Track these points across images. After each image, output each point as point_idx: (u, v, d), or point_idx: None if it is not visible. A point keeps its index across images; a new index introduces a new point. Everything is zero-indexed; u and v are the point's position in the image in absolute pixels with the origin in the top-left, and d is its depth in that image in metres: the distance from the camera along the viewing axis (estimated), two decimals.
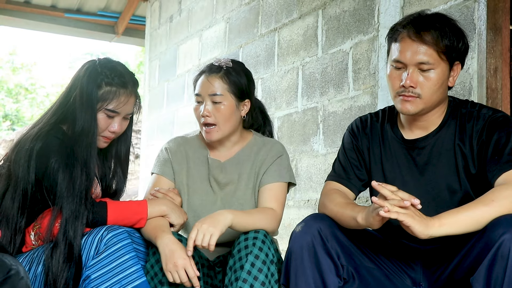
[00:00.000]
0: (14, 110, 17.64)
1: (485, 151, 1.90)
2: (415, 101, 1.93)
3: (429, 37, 1.89)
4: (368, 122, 2.15)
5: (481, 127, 1.93)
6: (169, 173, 2.38)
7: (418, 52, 1.89)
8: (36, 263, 2.11)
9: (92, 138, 2.18)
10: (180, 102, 5.20)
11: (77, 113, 2.19)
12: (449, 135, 1.99)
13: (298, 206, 3.56)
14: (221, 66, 2.33)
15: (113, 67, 2.27)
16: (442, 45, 1.89)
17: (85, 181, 2.13)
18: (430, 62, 1.89)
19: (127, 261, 2.04)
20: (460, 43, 1.92)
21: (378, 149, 2.10)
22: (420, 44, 1.90)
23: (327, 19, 3.43)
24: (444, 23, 1.92)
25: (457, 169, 1.96)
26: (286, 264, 1.94)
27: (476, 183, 1.94)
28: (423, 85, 1.91)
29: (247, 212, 2.19)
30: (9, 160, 2.21)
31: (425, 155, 2.01)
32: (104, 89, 2.21)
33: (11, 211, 2.16)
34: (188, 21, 5.18)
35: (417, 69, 1.91)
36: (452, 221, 1.74)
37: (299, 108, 3.63)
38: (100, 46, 20.02)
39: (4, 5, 6.35)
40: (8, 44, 20.09)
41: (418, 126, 2.03)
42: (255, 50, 4.12)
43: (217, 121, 2.29)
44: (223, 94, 2.29)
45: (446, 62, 1.92)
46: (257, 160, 2.36)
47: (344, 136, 2.20)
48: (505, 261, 1.63)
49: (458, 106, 2.01)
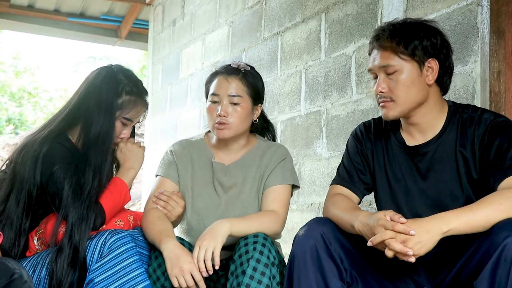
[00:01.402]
0: (17, 114, 17.64)
1: (487, 156, 1.90)
2: (390, 105, 1.98)
3: (387, 43, 1.96)
4: (371, 127, 2.16)
5: (483, 132, 1.93)
6: (174, 175, 2.39)
7: (380, 57, 1.97)
8: (40, 267, 2.11)
9: (109, 145, 2.21)
10: (183, 106, 5.20)
11: (93, 119, 2.19)
12: (450, 140, 1.99)
13: (301, 210, 3.55)
14: (240, 68, 2.34)
15: (130, 76, 2.31)
16: (400, 47, 1.95)
17: (97, 187, 2.15)
18: (390, 64, 1.96)
19: (130, 264, 2.04)
20: (423, 41, 1.95)
21: (382, 155, 2.10)
22: (381, 51, 1.98)
23: (330, 23, 3.43)
24: (404, 27, 1.98)
25: (459, 175, 1.96)
26: (289, 268, 1.94)
27: (478, 188, 1.94)
28: (393, 89, 1.97)
29: (245, 218, 2.19)
30: (14, 162, 2.21)
31: (426, 161, 2.01)
32: (124, 98, 2.24)
33: (16, 213, 2.16)
34: (191, 25, 5.19)
35: (385, 74, 1.97)
36: (459, 227, 1.75)
37: (302, 112, 3.63)
38: (103, 50, 20.05)
39: (7, 9, 6.36)
40: (11, 48, 20.11)
41: (417, 131, 2.04)
42: (258, 54, 4.12)
43: (233, 122, 2.30)
44: (242, 96, 2.31)
45: (411, 62, 1.95)
46: (262, 164, 2.37)
47: (348, 141, 2.21)
48: (508, 264, 1.63)
49: (459, 111, 2.01)
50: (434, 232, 1.74)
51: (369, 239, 1.80)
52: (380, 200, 2.11)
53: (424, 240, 1.74)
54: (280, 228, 2.27)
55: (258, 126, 2.51)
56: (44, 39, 28.16)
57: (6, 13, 6.43)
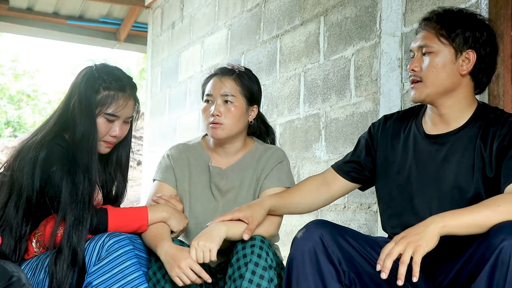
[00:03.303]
0: (16, 117, 17.65)
1: (504, 157, 1.90)
2: (418, 86, 2.02)
3: (431, 24, 2.01)
4: (393, 116, 2.22)
5: (505, 133, 1.94)
6: (171, 180, 2.39)
7: (422, 38, 2.02)
8: (38, 270, 2.11)
9: (92, 143, 2.19)
10: (182, 108, 5.20)
11: (77, 120, 2.20)
12: (471, 135, 2.00)
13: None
14: (234, 69, 2.36)
15: (110, 72, 2.28)
16: (442, 30, 1.98)
17: (88, 187, 2.14)
18: (428, 45, 1.99)
19: (128, 267, 2.03)
20: (467, 32, 1.97)
21: (399, 144, 2.14)
22: (425, 32, 2.03)
23: (329, 25, 3.44)
24: (453, 14, 2.02)
25: (473, 170, 1.96)
26: (288, 270, 1.94)
27: (491, 187, 1.93)
28: (424, 69, 2.00)
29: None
30: (11, 169, 2.21)
31: (443, 151, 2.02)
32: (102, 93, 2.22)
33: (15, 219, 2.16)
34: (190, 27, 5.19)
35: (421, 54, 2.02)
36: (456, 223, 1.74)
37: (301, 115, 3.63)
38: (102, 53, 20.07)
39: (6, 12, 6.36)
40: (10, 50, 20.15)
41: (441, 121, 2.06)
42: (257, 56, 4.12)
43: (226, 121, 2.31)
44: (235, 95, 2.32)
45: (449, 47, 1.98)
46: (259, 167, 2.37)
47: (364, 133, 2.28)
48: (505, 267, 1.63)
49: (487, 111, 2.03)
50: (431, 227, 1.73)
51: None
52: (390, 187, 2.12)
53: (420, 232, 1.73)
54: (275, 231, 2.27)
55: (256, 129, 2.51)
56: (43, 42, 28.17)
57: (5, 15, 6.43)
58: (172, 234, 2.20)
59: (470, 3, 2.58)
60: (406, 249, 1.70)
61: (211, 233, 2.08)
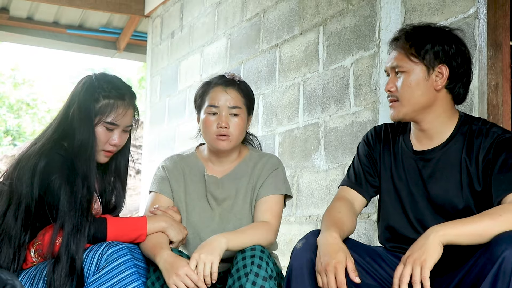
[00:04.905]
0: (15, 126, 17.65)
1: (491, 170, 1.91)
2: (396, 105, 2.03)
3: (400, 44, 2.02)
4: (382, 131, 2.20)
5: (489, 145, 1.94)
6: (167, 191, 2.39)
7: (393, 58, 2.03)
8: (37, 279, 2.10)
9: (91, 152, 2.19)
10: (181, 117, 5.20)
11: (76, 128, 2.20)
12: (456, 149, 2.00)
13: (300, 222, 3.55)
14: (235, 79, 2.35)
15: (110, 81, 2.28)
16: (412, 49, 1.99)
17: (86, 195, 2.14)
18: (400, 65, 2.00)
19: (127, 277, 2.03)
20: (435, 46, 1.98)
21: (389, 158, 2.13)
22: (395, 52, 2.04)
23: (328, 35, 3.44)
24: (420, 31, 2.03)
25: (461, 185, 1.97)
26: (287, 281, 1.94)
27: (480, 201, 1.94)
28: (399, 88, 2.01)
29: (239, 231, 2.19)
30: (10, 178, 2.21)
31: (430, 167, 2.03)
32: (102, 102, 2.22)
33: (14, 228, 2.15)
34: (189, 37, 5.20)
35: (394, 74, 2.03)
36: (456, 232, 1.75)
37: (300, 124, 3.63)
38: (102, 62, 20.10)
39: (6, 21, 6.38)
40: (10, 59, 20.17)
41: (425, 137, 2.05)
42: (256, 66, 4.13)
43: (234, 133, 2.30)
44: (240, 107, 2.32)
45: (421, 65, 1.98)
46: (254, 174, 2.37)
47: (359, 144, 2.25)
48: (508, 277, 1.63)
49: (469, 122, 2.03)
50: (431, 237, 1.73)
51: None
52: (385, 201, 2.13)
53: (422, 245, 1.73)
54: (273, 239, 2.27)
55: (247, 137, 2.52)
56: (42, 51, 28.21)
57: (5, 25, 6.44)
58: (171, 245, 2.19)
59: (468, 13, 2.59)
60: (414, 268, 1.71)
61: (211, 245, 2.07)
